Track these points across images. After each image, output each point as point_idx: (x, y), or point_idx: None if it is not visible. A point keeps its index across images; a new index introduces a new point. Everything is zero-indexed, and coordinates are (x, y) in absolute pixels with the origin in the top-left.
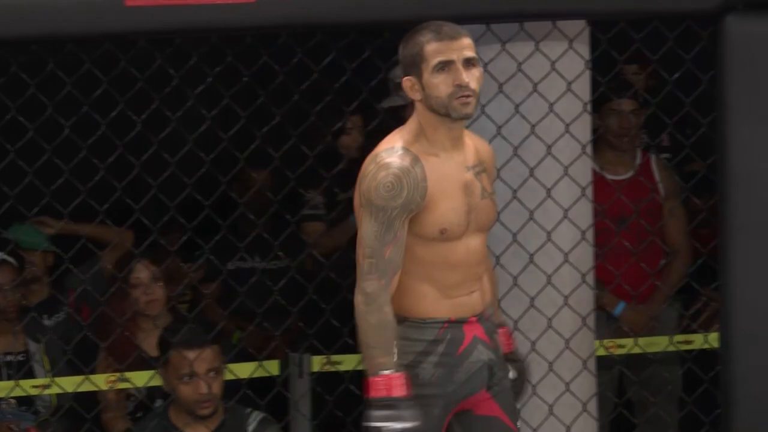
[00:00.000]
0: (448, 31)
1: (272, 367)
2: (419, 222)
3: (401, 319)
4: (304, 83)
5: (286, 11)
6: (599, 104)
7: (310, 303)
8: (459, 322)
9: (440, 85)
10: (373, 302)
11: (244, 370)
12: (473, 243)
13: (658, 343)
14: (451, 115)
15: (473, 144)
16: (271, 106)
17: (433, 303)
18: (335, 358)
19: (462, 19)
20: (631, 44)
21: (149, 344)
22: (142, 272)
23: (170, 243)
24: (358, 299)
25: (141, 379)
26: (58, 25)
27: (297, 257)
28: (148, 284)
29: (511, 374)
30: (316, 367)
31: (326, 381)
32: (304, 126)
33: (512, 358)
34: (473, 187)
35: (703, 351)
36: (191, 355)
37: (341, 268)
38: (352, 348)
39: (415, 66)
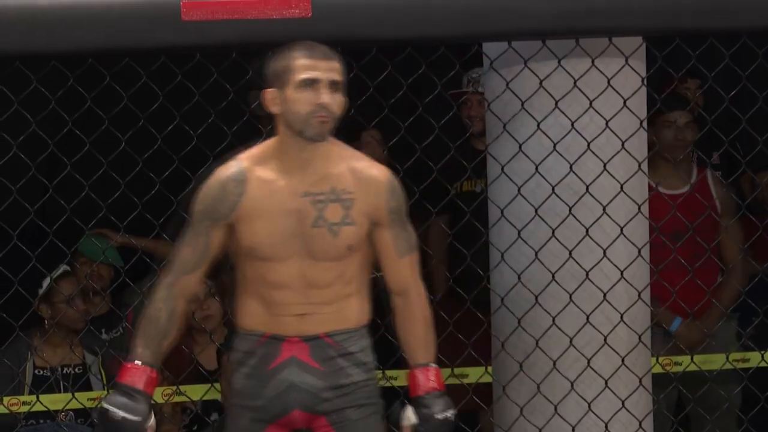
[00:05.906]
0: (321, 51)
1: None
2: (235, 236)
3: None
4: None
5: (342, 25)
6: (654, 118)
7: None
8: (277, 339)
9: (301, 101)
10: (153, 295)
11: None
12: (304, 268)
13: (715, 361)
14: (305, 132)
15: (339, 171)
16: None
17: (253, 316)
18: None
19: (519, 35)
20: (686, 60)
21: (205, 358)
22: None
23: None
24: None
25: (197, 392)
26: (115, 38)
27: None
28: (203, 299)
29: (412, 418)
30: None
31: None
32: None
33: (422, 403)
34: (304, 214)
35: (763, 369)
36: None
37: None
38: None
39: (279, 79)
